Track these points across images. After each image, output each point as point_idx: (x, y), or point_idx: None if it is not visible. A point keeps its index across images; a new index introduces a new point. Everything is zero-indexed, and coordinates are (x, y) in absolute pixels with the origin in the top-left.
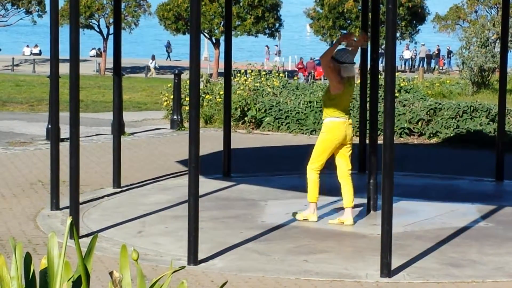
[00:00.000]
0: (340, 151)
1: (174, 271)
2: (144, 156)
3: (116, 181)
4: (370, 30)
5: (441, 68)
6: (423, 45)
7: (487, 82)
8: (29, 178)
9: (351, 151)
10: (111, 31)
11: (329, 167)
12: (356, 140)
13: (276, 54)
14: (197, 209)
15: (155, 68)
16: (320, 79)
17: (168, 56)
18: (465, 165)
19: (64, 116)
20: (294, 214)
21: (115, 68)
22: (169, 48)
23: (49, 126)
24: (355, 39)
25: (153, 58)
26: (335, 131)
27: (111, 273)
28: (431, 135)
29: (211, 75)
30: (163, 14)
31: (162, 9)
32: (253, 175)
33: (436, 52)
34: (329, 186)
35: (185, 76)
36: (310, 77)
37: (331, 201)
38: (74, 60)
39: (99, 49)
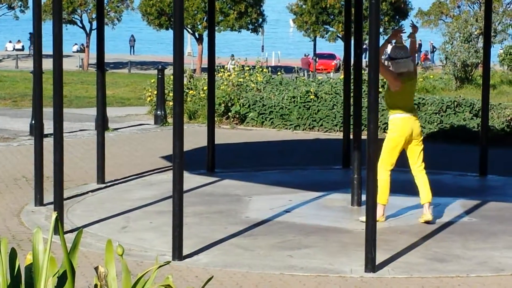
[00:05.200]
0: (410, 147)
1: (159, 267)
2: (128, 151)
3: (100, 177)
4: (353, 26)
5: (423, 63)
6: (405, 40)
7: (470, 77)
8: (12, 173)
9: (421, 146)
10: (94, 26)
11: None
12: (340, 135)
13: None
14: (182, 205)
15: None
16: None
17: (132, 50)
18: (449, 160)
19: (48, 111)
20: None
21: (98, 64)
22: (132, 42)
23: (33, 121)
24: (403, 34)
25: (232, 58)
26: (400, 127)
27: (96, 268)
28: None
29: (194, 70)
30: (146, 10)
31: (145, 4)
32: (237, 171)
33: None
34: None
35: (169, 71)
36: (305, 72)
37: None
38: (58, 55)
39: (82, 44)
